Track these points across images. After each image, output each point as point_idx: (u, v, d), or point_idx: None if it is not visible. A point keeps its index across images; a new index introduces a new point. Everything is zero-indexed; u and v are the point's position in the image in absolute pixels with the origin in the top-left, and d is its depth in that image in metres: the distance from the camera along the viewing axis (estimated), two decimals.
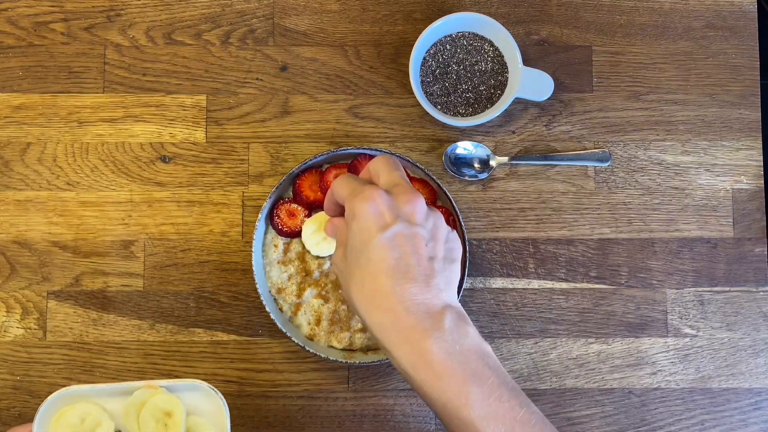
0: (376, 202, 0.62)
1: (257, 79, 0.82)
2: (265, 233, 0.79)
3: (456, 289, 0.65)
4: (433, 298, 0.61)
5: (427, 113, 0.79)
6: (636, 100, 0.83)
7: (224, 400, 0.64)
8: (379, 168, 0.67)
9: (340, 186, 0.67)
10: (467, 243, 0.76)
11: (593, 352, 0.80)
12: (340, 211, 0.69)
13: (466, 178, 0.81)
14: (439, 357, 0.59)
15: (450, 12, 0.80)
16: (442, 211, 0.77)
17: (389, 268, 0.61)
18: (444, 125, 0.82)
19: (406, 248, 0.62)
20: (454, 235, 0.67)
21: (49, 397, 0.63)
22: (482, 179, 0.81)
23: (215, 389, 0.64)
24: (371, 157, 0.78)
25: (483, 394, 0.59)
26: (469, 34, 0.81)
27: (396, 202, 0.63)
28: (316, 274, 0.78)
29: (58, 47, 0.82)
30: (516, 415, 0.59)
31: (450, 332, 0.60)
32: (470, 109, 0.81)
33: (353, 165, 0.78)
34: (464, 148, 0.81)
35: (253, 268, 0.76)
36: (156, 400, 0.64)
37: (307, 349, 0.76)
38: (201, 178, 0.81)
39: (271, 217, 0.78)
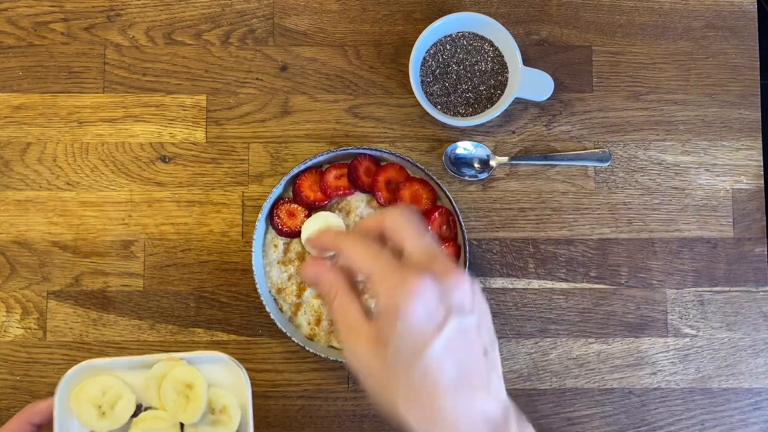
0: (425, 294, 0.51)
1: (257, 79, 0.82)
2: (265, 233, 0.79)
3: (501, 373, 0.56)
4: (496, 406, 0.52)
5: (427, 113, 0.79)
6: (636, 100, 0.83)
7: (245, 372, 0.64)
8: (402, 230, 0.55)
9: (363, 258, 0.54)
10: (467, 243, 0.76)
11: (593, 352, 0.80)
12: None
13: (466, 178, 0.81)
14: None
15: (450, 12, 0.80)
16: (441, 212, 0.77)
17: (450, 382, 0.51)
18: (444, 125, 0.82)
19: (464, 351, 0.52)
20: (486, 303, 0.56)
21: (70, 370, 0.63)
22: (482, 179, 0.81)
23: (236, 361, 0.64)
24: (371, 157, 0.78)
25: None
26: (469, 34, 0.81)
27: (442, 287, 0.52)
28: None
29: (58, 47, 0.82)
30: None
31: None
32: (470, 109, 0.81)
33: (353, 165, 0.78)
34: (464, 148, 0.81)
35: (253, 268, 0.76)
36: (176, 373, 0.63)
37: (307, 349, 0.76)
38: (201, 178, 0.81)
39: (271, 217, 0.78)
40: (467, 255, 0.76)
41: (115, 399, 0.64)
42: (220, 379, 0.65)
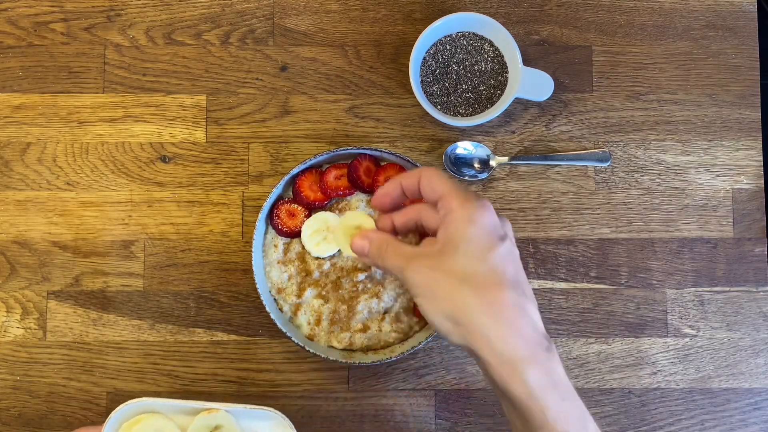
0: (493, 211, 0.60)
1: (257, 79, 0.82)
2: (265, 233, 0.79)
3: None
4: (539, 319, 0.59)
5: (427, 113, 0.79)
6: (636, 100, 0.83)
7: (294, 428, 0.64)
8: (442, 183, 0.62)
9: (443, 182, 0.62)
10: None
11: (593, 352, 0.80)
12: (395, 206, 0.65)
13: (466, 178, 0.81)
14: (565, 380, 0.58)
15: (450, 12, 0.80)
16: None
17: (511, 280, 0.58)
18: (444, 125, 0.82)
19: (519, 265, 0.60)
20: None
21: (121, 406, 0.64)
22: (482, 179, 0.81)
23: (288, 419, 0.64)
24: (371, 157, 0.78)
25: (597, 429, 0.59)
26: (469, 34, 0.81)
27: (500, 217, 0.61)
28: (316, 274, 0.78)
29: (58, 47, 0.82)
30: None
31: (556, 356, 0.59)
32: (470, 109, 0.81)
33: (353, 165, 0.78)
34: (464, 148, 0.81)
35: (253, 268, 0.76)
36: (207, 419, 0.64)
37: (307, 349, 0.76)
38: (201, 178, 0.81)
39: (271, 217, 0.78)
40: None
41: None
42: None
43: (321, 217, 0.77)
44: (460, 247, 0.58)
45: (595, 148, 0.82)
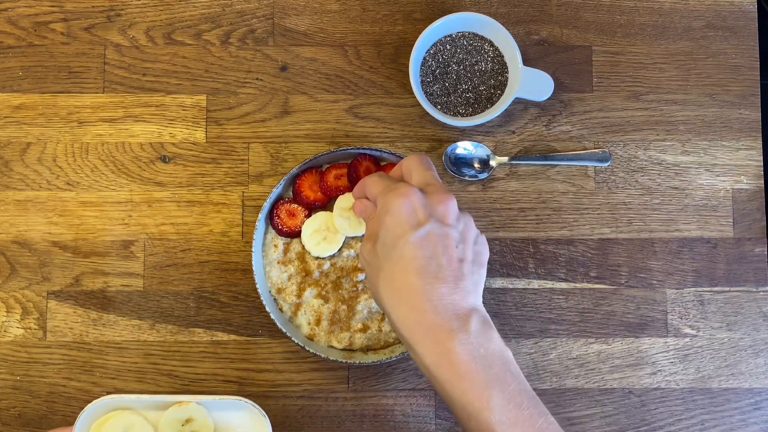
0: (410, 199, 0.63)
1: (257, 79, 0.82)
2: (265, 233, 0.79)
3: (481, 293, 0.65)
4: (461, 300, 0.62)
5: (427, 113, 0.79)
6: (636, 100, 0.83)
7: (268, 419, 0.64)
8: (412, 166, 0.68)
9: (373, 183, 0.67)
10: None
11: (593, 352, 0.80)
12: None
13: (466, 178, 0.81)
14: (464, 358, 0.60)
15: (450, 12, 0.80)
16: None
17: (420, 266, 0.62)
18: (444, 125, 0.82)
19: (438, 248, 0.62)
20: (483, 239, 0.67)
21: (90, 404, 0.63)
22: (482, 179, 0.81)
23: (259, 408, 0.64)
24: (371, 157, 0.78)
25: (504, 400, 0.59)
26: (469, 34, 0.81)
27: (429, 201, 0.64)
28: (316, 274, 0.78)
29: (58, 47, 0.82)
30: (534, 423, 0.59)
31: (475, 335, 0.60)
32: (470, 109, 0.81)
33: (353, 165, 0.78)
34: (464, 148, 0.81)
35: (253, 268, 0.76)
36: (179, 412, 0.64)
37: (307, 349, 0.76)
38: (201, 178, 0.81)
39: (271, 217, 0.78)
40: None
41: None
42: (240, 423, 0.66)
43: (321, 217, 0.77)
44: (379, 236, 0.64)
45: (595, 148, 0.82)
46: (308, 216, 0.78)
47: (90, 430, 0.64)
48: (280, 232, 0.78)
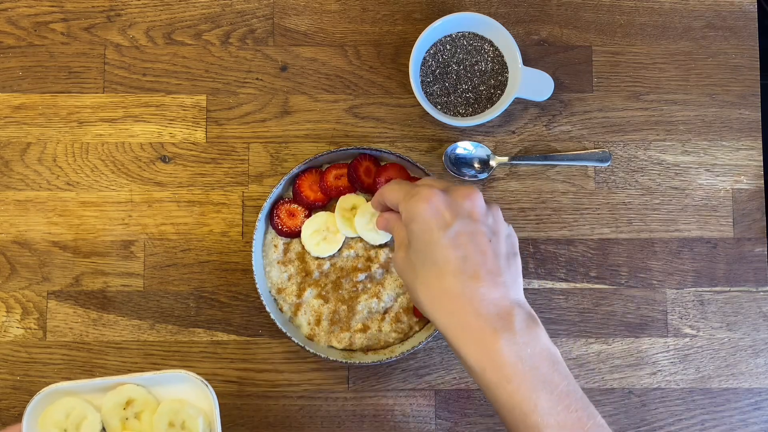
0: (433, 201, 0.61)
1: (257, 79, 0.82)
2: (265, 233, 0.79)
3: (521, 285, 0.63)
4: (502, 297, 0.60)
5: (427, 113, 0.79)
6: (636, 100, 0.83)
7: (212, 389, 0.64)
8: (430, 179, 0.67)
9: (392, 191, 0.66)
10: None
11: (593, 352, 0.80)
12: (387, 210, 0.69)
13: (466, 178, 0.81)
14: (510, 360, 0.58)
15: (450, 12, 0.80)
16: None
17: (455, 269, 0.60)
18: (444, 125, 0.82)
19: (470, 247, 0.60)
20: (511, 228, 0.66)
21: (35, 396, 0.63)
22: (482, 179, 0.81)
23: (201, 378, 0.64)
24: (371, 157, 0.78)
25: (552, 402, 0.57)
26: (469, 34, 0.81)
27: (453, 199, 0.62)
28: (316, 274, 0.78)
29: (58, 47, 0.82)
30: (584, 425, 0.58)
31: (521, 334, 0.59)
32: (470, 109, 0.81)
33: (353, 165, 0.78)
34: (464, 148, 0.81)
35: (253, 268, 0.76)
36: (117, 396, 0.64)
37: (307, 349, 0.76)
38: (201, 178, 0.81)
39: (271, 217, 0.78)
40: None
41: (80, 420, 0.64)
42: (186, 397, 0.65)
43: (321, 217, 0.77)
44: (411, 244, 0.63)
45: (595, 148, 0.82)
46: (308, 216, 0.78)
47: (38, 421, 0.64)
48: (280, 232, 0.78)
